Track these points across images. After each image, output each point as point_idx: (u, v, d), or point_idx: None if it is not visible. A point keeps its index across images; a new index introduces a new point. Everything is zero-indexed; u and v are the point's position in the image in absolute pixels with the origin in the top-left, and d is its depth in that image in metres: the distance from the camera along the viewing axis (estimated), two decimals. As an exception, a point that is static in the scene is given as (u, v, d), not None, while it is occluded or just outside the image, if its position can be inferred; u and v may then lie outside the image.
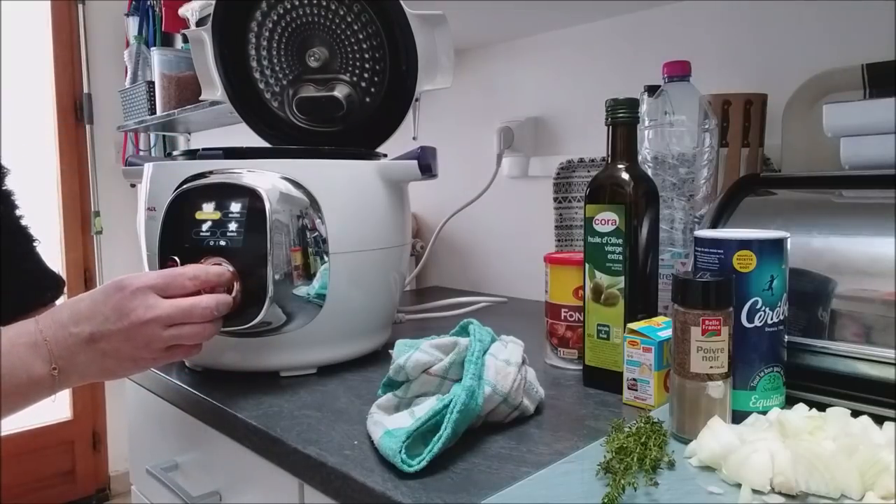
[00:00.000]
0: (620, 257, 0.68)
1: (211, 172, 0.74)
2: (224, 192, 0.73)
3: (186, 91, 1.90)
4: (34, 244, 0.81)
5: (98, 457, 2.55)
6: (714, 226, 0.67)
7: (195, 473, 0.83)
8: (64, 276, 1.08)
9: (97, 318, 0.61)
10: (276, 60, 0.98)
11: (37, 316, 0.62)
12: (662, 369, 0.64)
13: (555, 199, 1.11)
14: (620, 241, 0.68)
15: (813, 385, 0.60)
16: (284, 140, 1.01)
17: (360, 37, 0.93)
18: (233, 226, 0.72)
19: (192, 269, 0.67)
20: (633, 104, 0.70)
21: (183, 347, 0.66)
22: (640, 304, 0.69)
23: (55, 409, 2.45)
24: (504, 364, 0.61)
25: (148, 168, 0.81)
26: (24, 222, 0.80)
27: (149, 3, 2.22)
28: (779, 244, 0.57)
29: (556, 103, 1.24)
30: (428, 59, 0.88)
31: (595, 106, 0.87)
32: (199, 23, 1.58)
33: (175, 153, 0.84)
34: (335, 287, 0.76)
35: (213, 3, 0.95)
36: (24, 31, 2.32)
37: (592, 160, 1.08)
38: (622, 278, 0.69)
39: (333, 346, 0.80)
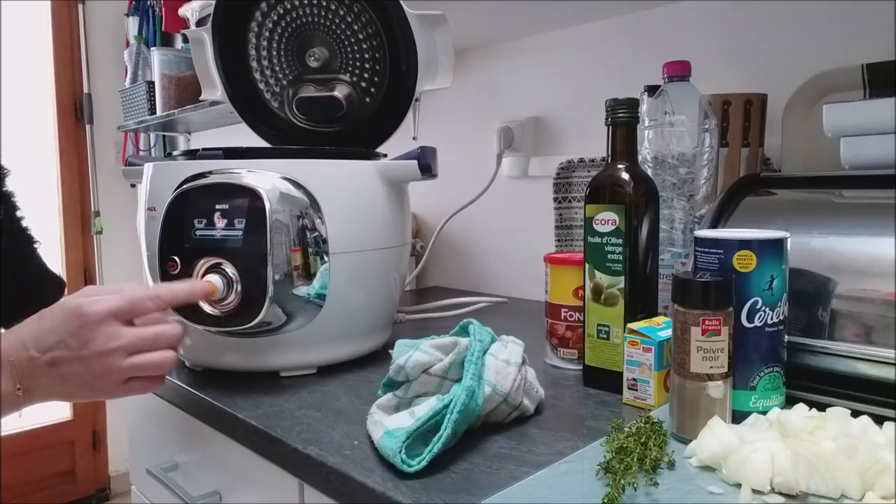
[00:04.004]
0: (620, 257, 0.68)
1: (211, 172, 0.74)
2: (224, 192, 0.73)
3: (186, 91, 1.90)
4: (35, 246, 0.81)
5: (98, 457, 2.55)
6: (714, 226, 0.67)
7: (195, 473, 0.83)
8: (64, 276, 1.08)
9: (59, 344, 0.59)
10: (276, 60, 0.98)
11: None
12: (662, 369, 0.64)
13: (555, 199, 1.11)
14: (620, 241, 0.68)
15: (813, 385, 0.60)
16: (284, 140, 1.01)
17: (360, 37, 0.93)
18: (233, 226, 0.72)
19: (154, 290, 0.64)
20: (633, 104, 0.70)
21: (141, 381, 0.62)
22: (640, 304, 0.69)
23: (55, 409, 2.45)
24: (504, 364, 0.61)
25: (148, 168, 0.81)
26: (24, 224, 0.80)
27: (149, 3, 2.22)
28: (779, 244, 0.57)
29: (556, 103, 1.24)
30: (428, 59, 0.88)
31: (595, 106, 0.86)
32: (199, 23, 1.58)
33: (175, 153, 0.84)
34: (335, 287, 0.76)
35: (213, 3, 0.95)
36: (24, 31, 2.31)
37: (592, 160, 1.08)
38: (622, 278, 0.69)
39: (333, 346, 0.80)
